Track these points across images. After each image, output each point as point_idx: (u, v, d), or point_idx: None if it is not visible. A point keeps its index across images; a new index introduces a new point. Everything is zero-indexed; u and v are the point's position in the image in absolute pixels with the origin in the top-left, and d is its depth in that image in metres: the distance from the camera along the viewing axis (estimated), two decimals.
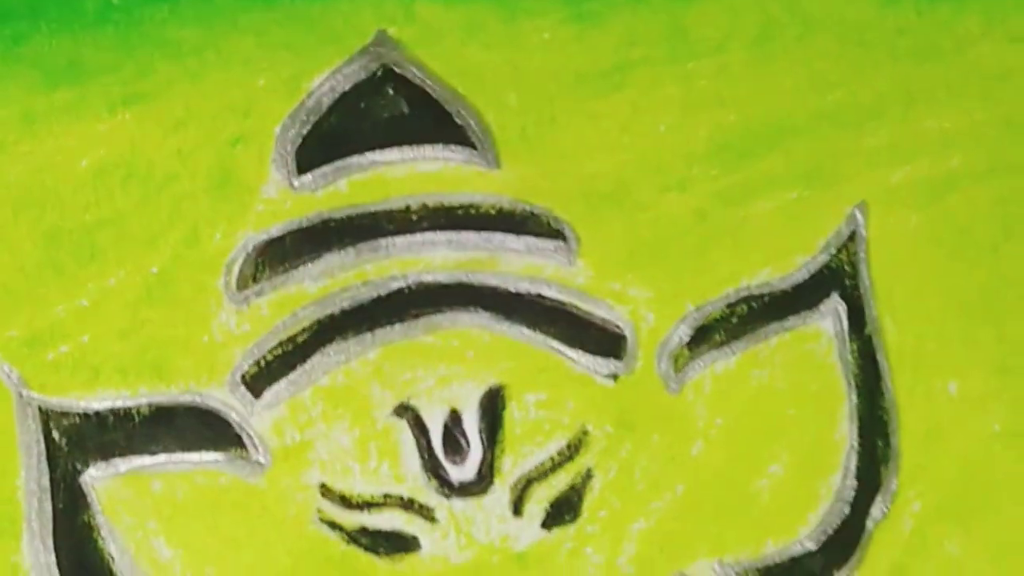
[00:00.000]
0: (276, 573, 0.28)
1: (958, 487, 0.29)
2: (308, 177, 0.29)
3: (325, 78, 0.29)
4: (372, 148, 0.29)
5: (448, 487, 0.29)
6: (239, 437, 0.29)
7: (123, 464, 0.28)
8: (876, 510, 0.29)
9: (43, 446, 0.28)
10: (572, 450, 0.29)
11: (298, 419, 0.29)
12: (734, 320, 0.30)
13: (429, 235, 0.29)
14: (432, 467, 0.29)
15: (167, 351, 0.29)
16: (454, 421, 0.29)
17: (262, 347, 0.29)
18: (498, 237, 0.29)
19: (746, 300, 0.30)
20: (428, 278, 0.29)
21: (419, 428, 0.29)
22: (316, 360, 0.29)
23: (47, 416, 0.28)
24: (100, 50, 0.28)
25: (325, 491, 0.29)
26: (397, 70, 0.29)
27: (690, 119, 0.30)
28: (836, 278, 0.30)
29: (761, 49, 0.30)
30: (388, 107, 0.29)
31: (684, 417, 0.29)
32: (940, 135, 0.30)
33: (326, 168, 0.29)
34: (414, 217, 0.29)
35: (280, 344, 0.29)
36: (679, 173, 0.30)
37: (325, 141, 0.29)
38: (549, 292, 0.29)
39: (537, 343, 0.29)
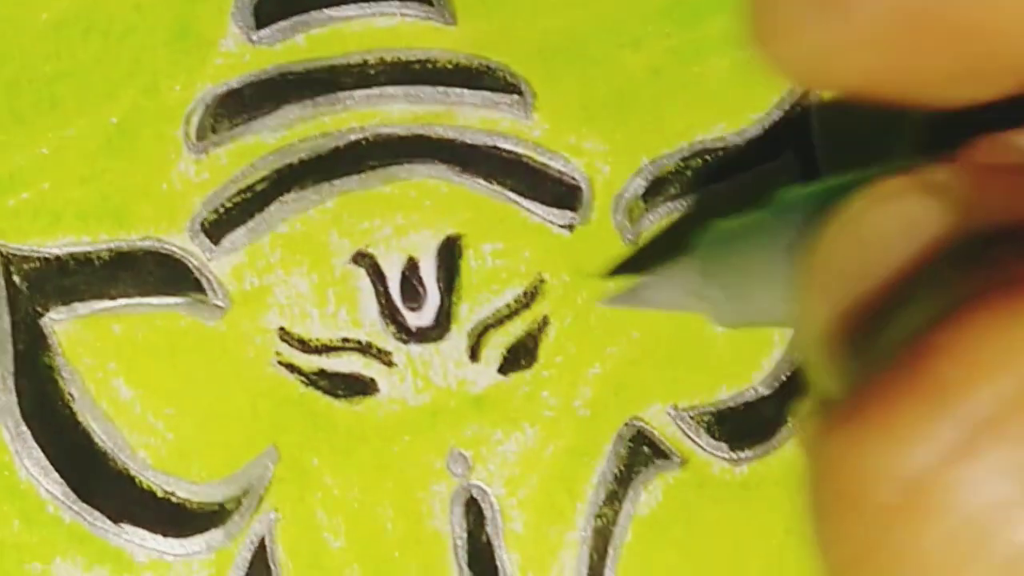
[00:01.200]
0: (235, 413, 0.29)
1: None
2: (266, 31, 0.29)
3: None
4: (330, 4, 0.30)
5: (406, 332, 0.29)
6: (198, 282, 0.29)
7: (83, 307, 0.29)
8: None
9: (4, 290, 0.28)
10: (528, 298, 0.29)
11: (257, 265, 0.29)
12: (688, 173, 0.30)
13: (387, 89, 0.30)
14: (390, 313, 0.29)
15: (127, 198, 0.29)
16: (411, 269, 0.29)
17: (221, 195, 0.29)
18: (455, 91, 0.30)
19: (700, 154, 0.30)
20: (386, 130, 0.29)
21: (377, 275, 0.29)
22: (274, 208, 0.29)
23: (8, 260, 0.28)
24: None
25: (284, 335, 0.29)
26: None
27: None
28: (790, 134, 0.31)
29: None
30: None
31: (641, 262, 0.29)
32: None
33: (284, 23, 0.30)
34: (372, 71, 0.30)
35: (239, 192, 0.29)
36: (633, 31, 0.30)
37: None
38: (505, 145, 0.30)
39: (494, 194, 0.30)
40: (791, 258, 0.21)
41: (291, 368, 0.29)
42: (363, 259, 0.29)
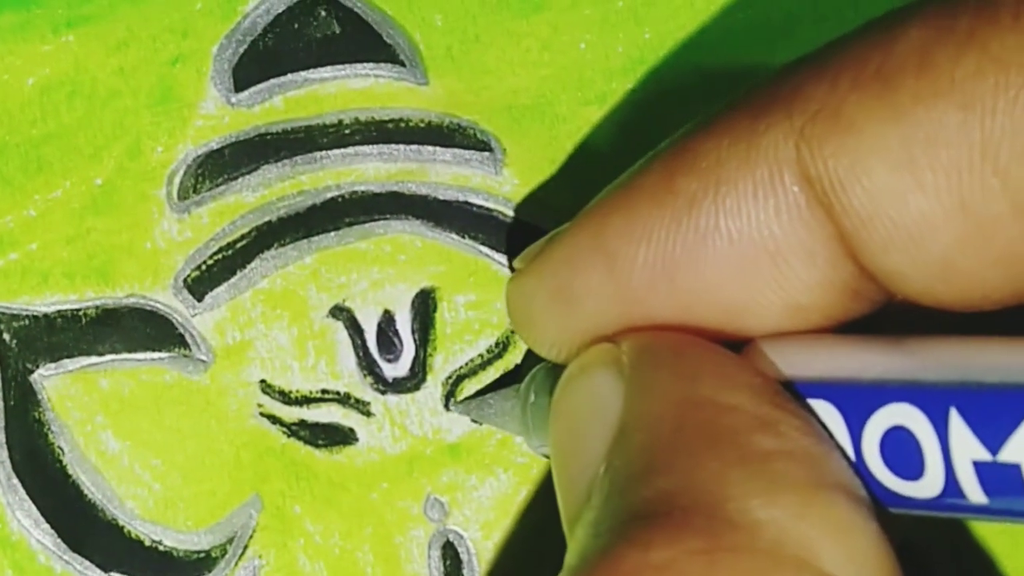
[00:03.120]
0: (219, 464, 0.30)
1: None
2: (245, 94, 0.31)
3: (259, 1, 0.31)
4: (306, 67, 0.31)
5: (383, 383, 0.30)
6: (182, 337, 0.30)
7: (72, 363, 0.30)
8: None
9: None
10: (501, 348, 0.31)
11: (238, 320, 0.30)
12: None
13: (362, 148, 0.31)
14: (367, 364, 0.30)
15: (112, 257, 0.30)
16: (388, 321, 0.30)
17: (203, 253, 0.30)
18: (427, 149, 0.31)
19: None
20: (361, 188, 0.31)
21: (354, 328, 0.30)
22: (255, 265, 0.30)
23: None
24: None
25: (265, 387, 0.30)
26: None
27: (608, 37, 0.31)
28: None
29: None
30: (320, 28, 0.31)
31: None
32: None
33: (262, 85, 0.31)
34: (347, 131, 0.31)
35: (220, 250, 0.30)
36: (598, 88, 0.31)
37: (261, 60, 0.31)
38: (477, 200, 0.31)
39: (466, 248, 0.31)
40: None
41: (273, 419, 0.30)
42: (341, 313, 0.30)
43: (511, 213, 0.31)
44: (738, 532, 0.18)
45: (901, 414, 0.19)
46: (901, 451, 0.19)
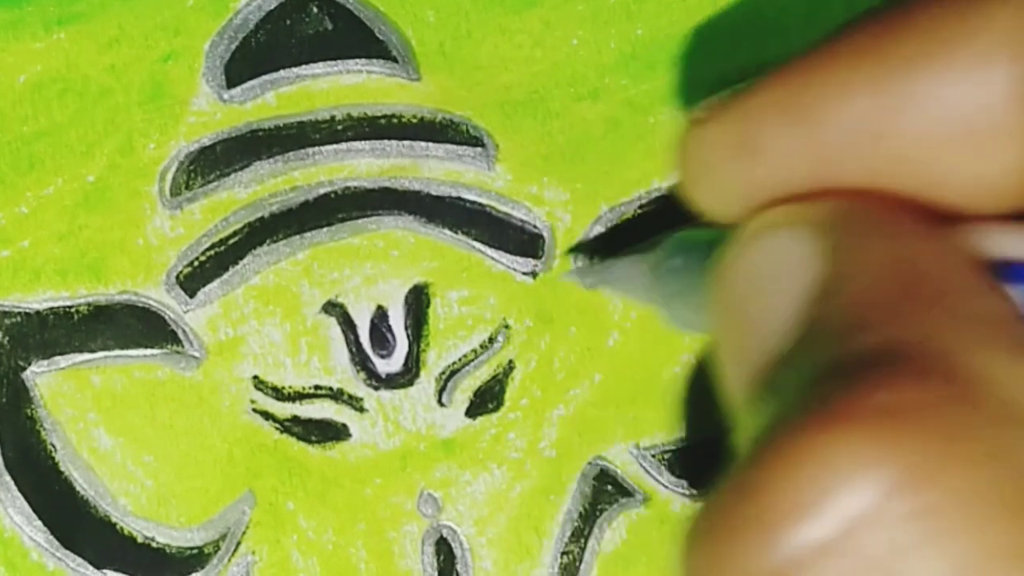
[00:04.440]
0: (212, 460, 0.30)
1: None
2: (237, 90, 0.31)
3: None
4: (298, 63, 0.31)
5: (376, 379, 0.30)
6: (175, 333, 0.30)
7: (64, 360, 0.30)
8: None
9: None
10: (493, 343, 0.31)
11: (231, 316, 0.30)
12: (646, 220, 0.31)
13: (354, 144, 0.31)
14: (360, 360, 0.30)
15: (104, 254, 0.30)
16: (380, 317, 0.30)
17: (195, 249, 0.30)
18: (420, 145, 0.31)
19: (657, 201, 0.31)
20: (354, 184, 0.31)
21: (347, 324, 0.30)
22: (247, 261, 0.30)
23: None
24: None
25: (258, 383, 0.30)
26: None
27: (600, 33, 0.31)
28: None
29: None
30: (312, 24, 0.31)
31: (600, 311, 0.30)
32: None
33: (254, 82, 0.31)
34: (339, 127, 0.31)
35: (213, 246, 0.30)
36: (591, 83, 0.31)
37: (253, 57, 0.31)
38: (469, 196, 0.31)
39: (459, 244, 0.31)
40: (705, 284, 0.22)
41: (266, 415, 0.30)
42: (334, 308, 0.30)
43: (504, 208, 0.30)
44: (980, 384, 0.17)
45: None
46: None
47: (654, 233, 0.31)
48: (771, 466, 0.17)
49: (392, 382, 0.30)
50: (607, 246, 0.30)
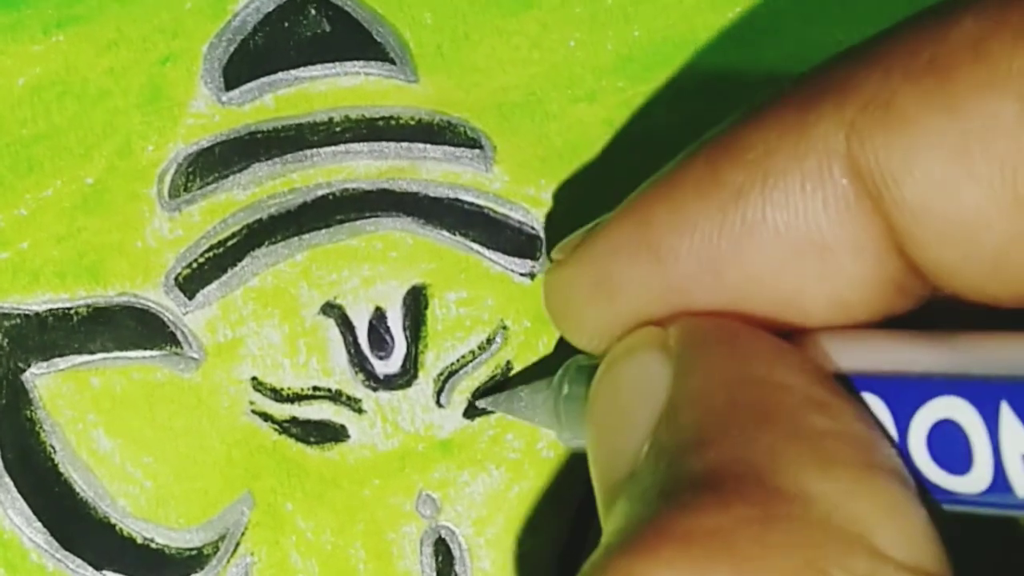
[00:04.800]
0: (211, 461, 0.30)
1: None
2: (235, 93, 0.31)
3: (249, 0, 0.31)
4: (296, 65, 0.31)
5: (374, 380, 0.30)
6: (173, 335, 0.30)
7: (63, 362, 0.30)
8: None
9: None
10: (491, 344, 0.31)
11: (230, 318, 0.30)
12: None
13: (352, 145, 0.31)
14: (359, 361, 0.30)
15: (103, 256, 0.30)
16: (379, 318, 0.30)
17: (194, 251, 0.30)
18: (418, 147, 0.31)
19: None
20: (352, 185, 0.31)
21: (346, 325, 0.30)
22: (246, 263, 0.30)
23: None
24: None
25: (257, 384, 0.30)
26: None
27: (597, 35, 0.31)
28: None
29: None
30: (310, 26, 0.31)
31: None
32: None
33: (252, 84, 0.31)
34: (337, 129, 0.31)
35: (211, 248, 0.30)
36: (588, 85, 0.31)
37: (251, 59, 0.31)
38: (467, 197, 0.31)
39: (457, 245, 0.31)
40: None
41: (264, 417, 0.30)
42: (332, 310, 0.30)
43: (501, 210, 0.31)
44: (791, 503, 0.18)
45: (950, 407, 0.19)
46: (949, 444, 0.19)
47: None
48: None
49: (390, 383, 0.30)
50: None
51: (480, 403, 0.30)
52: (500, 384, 0.30)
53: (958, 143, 0.19)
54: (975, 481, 0.19)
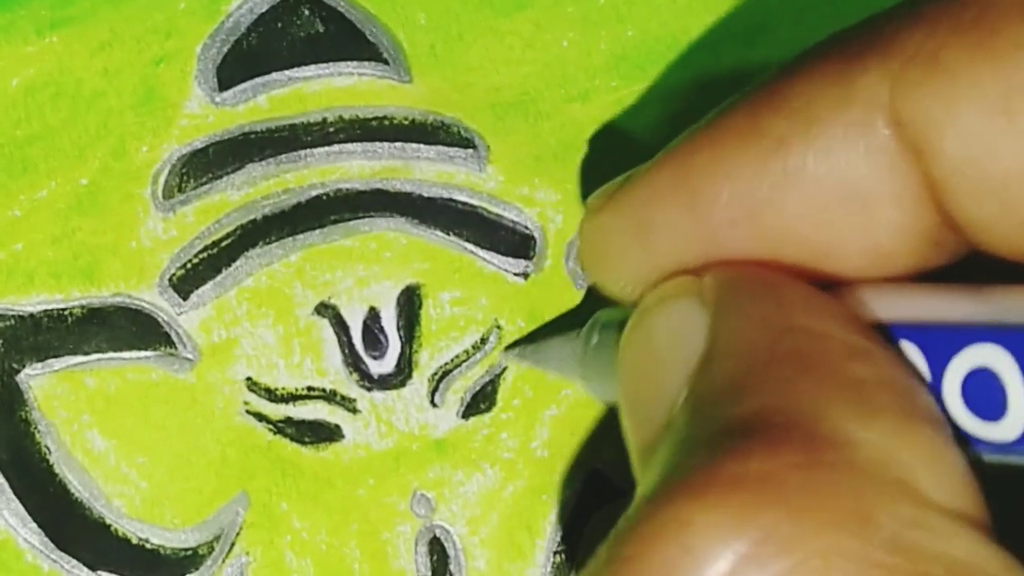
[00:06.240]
0: (205, 462, 0.30)
1: None
2: (229, 93, 0.31)
3: (243, 0, 0.31)
4: (290, 66, 0.31)
5: (368, 380, 0.30)
6: (168, 335, 0.30)
7: (58, 363, 0.30)
8: None
9: None
10: (485, 344, 0.31)
11: (224, 318, 0.30)
12: None
13: (346, 146, 0.31)
14: (353, 361, 0.30)
15: (98, 257, 0.30)
16: (373, 318, 0.30)
17: (188, 251, 0.30)
18: (411, 147, 0.31)
19: None
20: (346, 186, 0.31)
21: (340, 325, 0.30)
22: (240, 263, 0.30)
23: None
24: None
25: (251, 385, 0.30)
26: None
27: (590, 35, 0.32)
28: None
29: None
30: (304, 27, 0.31)
31: (592, 312, 0.30)
32: None
33: (246, 84, 0.31)
34: (331, 129, 0.31)
35: (206, 248, 0.30)
36: (581, 85, 0.32)
37: (245, 59, 0.31)
38: (461, 197, 0.31)
39: (451, 245, 0.31)
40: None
41: (259, 417, 0.30)
42: (326, 310, 0.30)
43: (495, 210, 0.31)
44: (837, 449, 0.18)
45: (985, 354, 0.19)
46: (983, 392, 0.19)
47: None
48: (636, 540, 0.18)
49: (385, 383, 0.30)
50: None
51: (505, 356, 0.29)
52: (527, 337, 0.30)
53: (1002, 98, 0.19)
54: (1010, 428, 0.19)
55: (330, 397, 0.30)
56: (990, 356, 0.19)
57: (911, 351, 0.21)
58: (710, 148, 0.22)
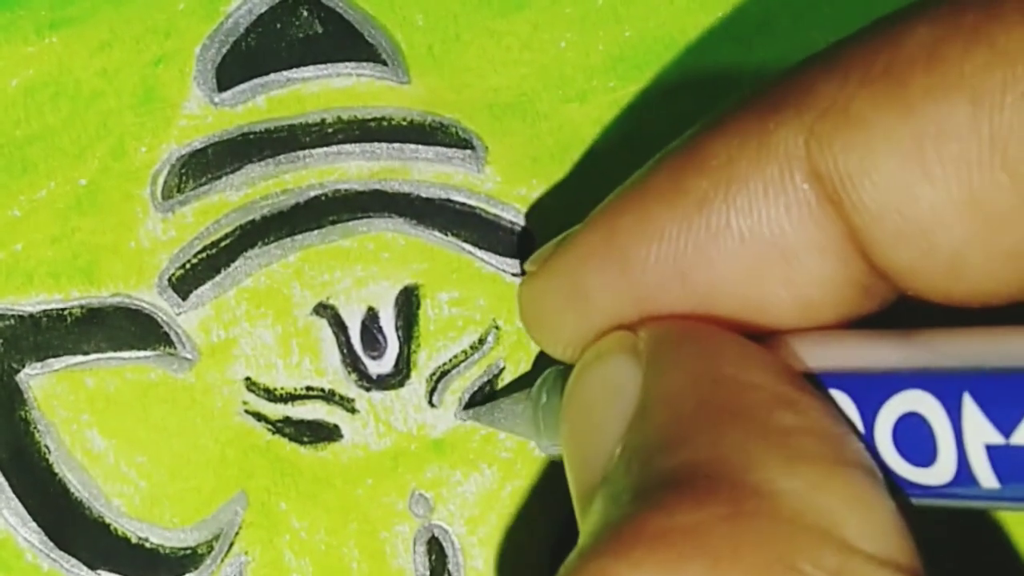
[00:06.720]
0: (204, 461, 0.30)
1: None
2: (228, 94, 0.31)
3: (242, 1, 0.31)
4: (288, 66, 0.31)
5: (367, 380, 0.30)
6: (167, 335, 0.30)
7: (57, 363, 0.30)
8: None
9: None
10: (483, 344, 0.31)
11: (223, 318, 0.30)
12: None
13: (345, 146, 0.31)
14: (351, 361, 0.30)
15: (97, 257, 0.30)
16: (371, 319, 0.31)
17: (187, 252, 0.30)
18: (409, 147, 0.31)
19: None
20: (344, 186, 0.31)
21: (338, 325, 0.30)
22: (239, 263, 0.30)
23: None
24: None
25: (250, 385, 0.30)
26: None
27: (588, 35, 0.32)
28: None
29: None
30: (303, 28, 0.31)
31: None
32: None
33: (245, 85, 0.31)
34: (330, 130, 0.31)
35: (205, 249, 0.30)
36: (579, 85, 0.32)
37: (244, 60, 0.31)
38: (459, 197, 0.31)
39: (449, 246, 0.31)
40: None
41: (258, 417, 0.30)
42: (325, 310, 0.30)
43: (493, 210, 0.31)
44: (762, 499, 0.18)
45: (914, 401, 0.20)
46: (913, 437, 0.20)
47: None
48: None
49: (383, 383, 0.30)
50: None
51: (462, 416, 0.30)
52: (485, 397, 0.30)
53: (913, 146, 0.19)
54: (940, 473, 0.19)
55: (329, 397, 0.30)
56: (919, 402, 0.20)
57: (842, 399, 0.21)
58: (636, 209, 0.23)
